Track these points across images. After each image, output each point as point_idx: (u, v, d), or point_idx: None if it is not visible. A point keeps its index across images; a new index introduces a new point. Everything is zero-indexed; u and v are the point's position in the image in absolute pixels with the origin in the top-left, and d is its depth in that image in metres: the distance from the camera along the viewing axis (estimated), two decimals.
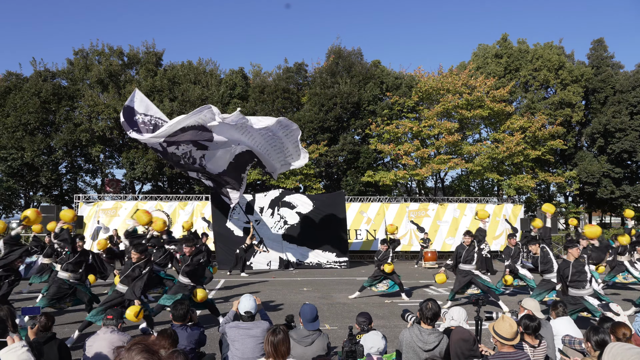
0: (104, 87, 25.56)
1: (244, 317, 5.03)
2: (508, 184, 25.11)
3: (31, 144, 23.99)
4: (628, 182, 28.64)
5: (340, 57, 27.44)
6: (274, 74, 27.73)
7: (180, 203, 21.10)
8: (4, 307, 4.73)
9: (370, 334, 4.36)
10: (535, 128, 25.20)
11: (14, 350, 2.54)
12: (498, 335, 4.23)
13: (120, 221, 20.31)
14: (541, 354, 4.79)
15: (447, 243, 21.75)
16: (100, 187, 27.54)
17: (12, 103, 24.67)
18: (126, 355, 1.69)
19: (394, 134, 24.95)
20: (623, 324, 4.51)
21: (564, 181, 27.22)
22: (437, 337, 4.71)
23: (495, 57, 29.67)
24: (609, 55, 30.95)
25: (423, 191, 30.94)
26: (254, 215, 18.86)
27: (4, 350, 2.54)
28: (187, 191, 26.77)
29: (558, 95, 27.97)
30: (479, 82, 25.69)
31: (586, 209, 31.41)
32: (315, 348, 4.75)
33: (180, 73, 26.70)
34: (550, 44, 29.77)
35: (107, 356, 4.60)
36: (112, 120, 24.54)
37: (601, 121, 28.19)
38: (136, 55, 27.33)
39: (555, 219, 22.84)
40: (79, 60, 26.55)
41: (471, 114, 25.27)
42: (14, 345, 2.56)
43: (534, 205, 28.79)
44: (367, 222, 21.65)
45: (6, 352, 2.54)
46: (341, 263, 18.79)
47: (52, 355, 4.69)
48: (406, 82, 27.06)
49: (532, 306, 5.59)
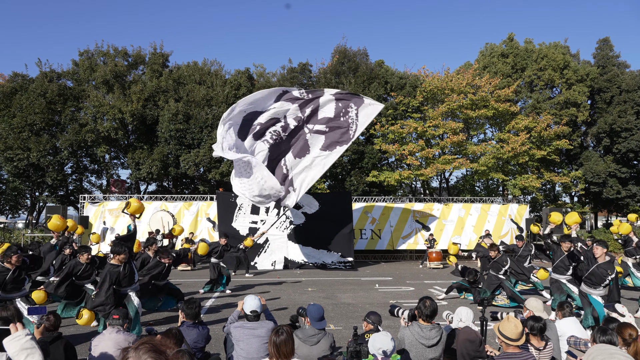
0: (109, 87, 25.67)
1: (249, 317, 5.04)
2: (513, 184, 25.03)
3: (37, 144, 24.11)
4: (634, 182, 28.47)
5: (345, 57, 27.43)
6: (278, 74, 27.76)
7: (185, 203, 21.17)
8: (10, 307, 4.76)
9: (379, 334, 4.35)
10: (540, 128, 25.10)
11: (17, 339, 2.55)
12: (503, 335, 4.22)
13: (125, 222, 20.36)
14: (547, 355, 4.77)
15: (453, 242, 21.72)
16: (106, 188, 27.66)
17: (18, 104, 24.82)
18: (133, 354, 1.70)
19: (398, 134, 24.91)
20: (629, 325, 4.48)
21: (569, 181, 27.10)
22: (437, 331, 4.79)
23: (501, 57, 29.58)
24: (615, 55, 30.79)
25: (428, 191, 30.88)
26: (260, 215, 18.86)
27: (8, 339, 2.55)
28: (191, 191, 26.85)
29: (563, 94, 27.85)
30: (483, 82, 25.62)
31: (592, 209, 31.25)
32: (321, 348, 4.76)
33: (186, 74, 26.78)
34: (556, 44, 29.64)
35: (113, 356, 4.61)
36: (117, 120, 24.63)
37: (607, 121, 28.05)
38: (141, 56, 27.43)
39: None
40: (84, 61, 26.68)
41: (476, 113, 25.20)
42: (18, 333, 2.57)
43: (539, 205, 28.68)
44: (372, 222, 21.65)
45: (10, 340, 2.55)
46: (346, 263, 18.79)
47: (58, 355, 4.71)
48: (411, 82, 27.01)
49: (535, 307, 5.57)
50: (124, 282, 7.44)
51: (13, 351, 2.51)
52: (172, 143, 24.57)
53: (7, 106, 25.32)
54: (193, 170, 24.36)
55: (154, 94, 25.69)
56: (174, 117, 24.34)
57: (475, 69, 27.21)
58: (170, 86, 25.93)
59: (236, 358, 4.87)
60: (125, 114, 24.28)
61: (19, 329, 2.58)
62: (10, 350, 2.52)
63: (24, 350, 2.53)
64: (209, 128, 24.59)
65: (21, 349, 2.52)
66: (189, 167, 24.19)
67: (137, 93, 24.81)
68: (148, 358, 1.70)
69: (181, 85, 26.18)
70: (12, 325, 2.59)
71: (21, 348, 2.53)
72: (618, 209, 30.55)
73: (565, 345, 5.32)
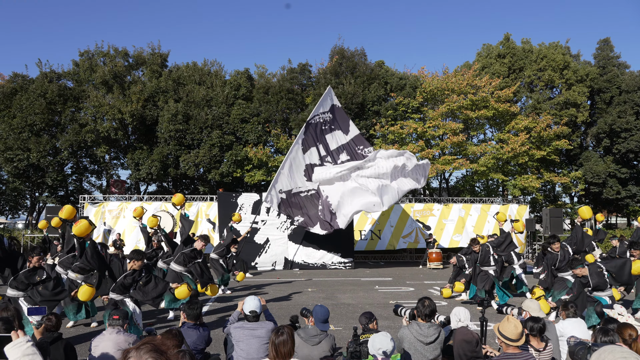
0: (108, 88, 25.67)
1: (248, 317, 5.05)
2: (513, 185, 25.04)
3: (37, 145, 24.11)
4: (634, 183, 28.48)
5: (343, 57, 27.45)
6: (278, 75, 27.79)
7: (185, 204, 21.13)
8: (10, 307, 4.77)
9: (379, 334, 4.36)
10: (540, 128, 25.11)
11: (18, 346, 2.56)
12: (503, 336, 4.23)
13: (127, 223, 20.36)
14: (547, 356, 4.77)
15: (454, 240, 21.80)
16: (106, 188, 27.66)
17: (18, 104, 24.82)
18: (135, 354, 1.70)
19: (398, 134, 24.91)
20: (629, 325, 4.48)
21: (569, 181, 27.10)
22: (436, 329, 4.84)
23: (498, 57, 29.59)
24: (615, 55, 30.79)
25: (428, 192, 30.88)
26: (261, 215, 18.85)
27: (9, 346, 2.56)
28: (191, 192, 26.84)
29: (563, 95, 27.85)
30: (483, 82, 25.63)
31: (592, 209, 31.23)
32: (322, 348, 4.77)
33: (185, 74, 26.78)
34: (556, 44, 29.64)
35: (113, 357, 4.61)
36: (117, 121, 24.63)
37: (607, 121, 28.06)
38: (141, 56, 27.44)
39: (561, 219, 22.72)
40: (84, 62, 26.69)
41: (476, 114, 25.21)
42: (19, 340, 2.58)
43: (539, 205, 28.67)
44: (372, 223, 21.65)
45: (11, 347, 2.56)
46: (346, 264, 18.78)
47: (58, 356, 4.71)
48: (410, 82, 27.02)
49: (531, 307, 5.56)
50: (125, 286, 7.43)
51: (14, 358, 2.52)
52: (172, 143, 24.58)
53: (7, 106, 25.32)
54: (193, 170, 24.36)
55: (154, 95, 25.69)
56: (173, 118, 24.34)
57: (474, 70, 27.22)
58: (170, 86, 25.94)
59: (236, 358, 4.87)
60: (125, 114, 24.27)
61: (20, 335, 2.59)
62: (11, 357, 2.53)
63: (26, 357, 2.54)
64: (209, 128, 24.60)
65: (22, 355, 2.53)
66: (189, 168, 24.19)
67: (136, 93, 24.81)
68: (149, 358, 1.70)
69: (181, 86, 26.19)
70: (14, 332, 2.60)
71: (22, 354, 2.54)
72: (618, 210, 30.54)
73: (565, 346, 5.31)
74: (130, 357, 1.71)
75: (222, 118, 24.89)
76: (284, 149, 24.96)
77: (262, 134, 25.10)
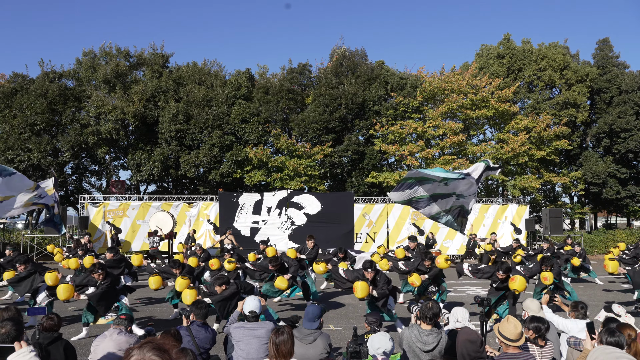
0: (110, 88, 25.68)
1: (248, 317, 5.07)
2: (513, 185, 25.03)
3: (37, 145, 24.10)
4: (634, 183, 28.48)
5: (344, 57, 27.45)
6: (279, 75, 27.79)
7: (185, 204, 21.15)
8: (11, 307, 4.76)
9: (377, 334, 4.38)
10: (540, 128, 25.12)
11: (22, 356, 2.58)
12: (503, 336, 4.23)
13: (130, 222, 20.35)
14: (547, 356, 4.78)
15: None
16: (106, 189, 27.65)
17: (19, 104, 24.81)
18: (138, 352, 1.72)
19: (398, 134, 24.92)
20: (628, 325, 4.49)
21: (569, 181, 27.11)
22: (435, 337, 4.77)
23: (497, 58, 29.58)
24: (615, 55, 30.79)
25: None
26: (261, 215, 18.84)
27: (13, 356, 2.57)
28: (191, 192, 26.83)
29: (563, 95, 27.86)
30: (483, 82, 25.64)
31: (592, 209, 31.27)
32: (317, 346, 4.79)
33: (185, 74, 26.79)
34: (555, 44, 29.64)
35: (114, 357, 4.62)
36: (118, 121, 24.62)
37: (606, 121, 28.07)
38: (143, 57, 27.45)
39: (561, 219, 22.73)
40: (86, 61, 26.69)
41: (476, 114, 25.21)
42: (22, 350, 2.60)
43: (539, 205, 28.68)
44: (369, 225, 21.33)
45: (15, 357, 2.57)
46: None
47: (58, 356, 4.71)
48: (411, 82, 27.01)
49: (531, 307, 5.56)
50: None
51: None
52: (173, 144, 24.57)
53: (7, 106, 25.31)
54: (193, 171, 24.36)
55: (155, 94, 25.70)
56: (174, 118, 24.34)
57: (473, 70, 27.23)
58: (171, 86, 25.95)
59: (236, 359, 4.89)
60: (127, 115, 24.28)
61: (23, 346, 2.61)
62: None
63: None
64: (209, 128, 24.61)
65: None
66: (189, 169, 24.19)
67: (138, 93, 24.82)
68: (152, 356, 1.72)
69: (181, 86, 26.19)
70: (17, 342, 2.62)
71: None
72: (618, 210, 30.56)
73: (565, 345, 5.31)
74: (133, 355, 1.73)
75: (223, 118, 24.90)
76: (284, 149, 24.99)
77: (262, 134, 25.11)
